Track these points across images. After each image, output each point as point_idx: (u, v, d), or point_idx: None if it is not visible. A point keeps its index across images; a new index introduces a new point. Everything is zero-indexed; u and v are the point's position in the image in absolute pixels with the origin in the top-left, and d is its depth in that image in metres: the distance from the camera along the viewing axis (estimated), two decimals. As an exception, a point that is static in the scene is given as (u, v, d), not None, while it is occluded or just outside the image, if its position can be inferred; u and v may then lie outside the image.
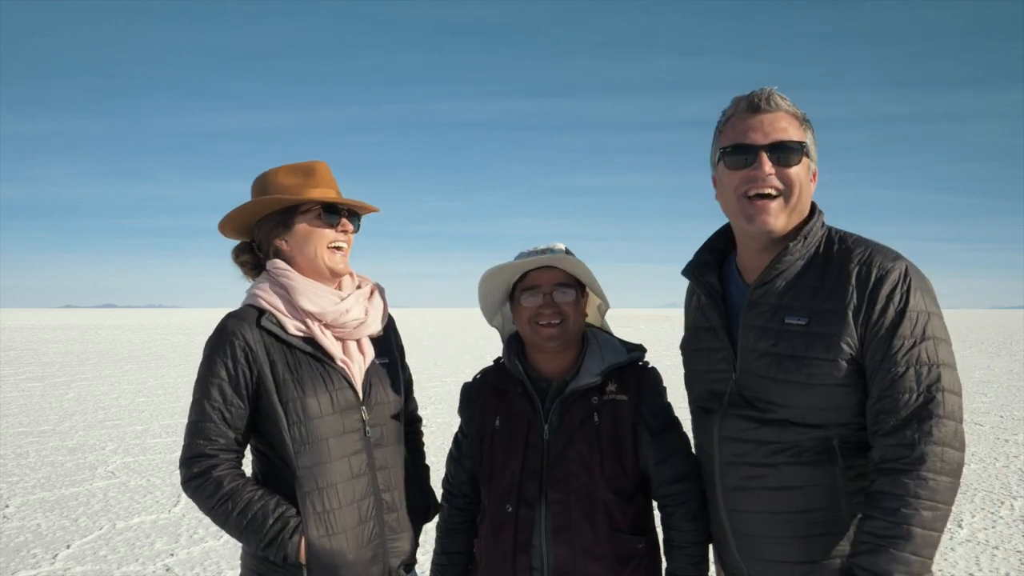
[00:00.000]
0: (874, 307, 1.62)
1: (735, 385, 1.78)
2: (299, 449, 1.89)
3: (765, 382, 1.72)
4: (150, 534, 5.44)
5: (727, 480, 1.80)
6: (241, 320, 1.95)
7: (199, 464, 1.88)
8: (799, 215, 1.76)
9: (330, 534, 1.88)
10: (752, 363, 1.74)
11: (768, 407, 1.71)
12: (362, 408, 1.98)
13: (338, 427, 1.93)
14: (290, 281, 1.98)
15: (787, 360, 1.68)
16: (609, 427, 1.95)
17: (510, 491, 1.97)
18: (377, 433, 2.01)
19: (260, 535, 1.84)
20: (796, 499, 1.70)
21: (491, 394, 2.09)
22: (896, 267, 1.65)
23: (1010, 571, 4.73)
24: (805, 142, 1.74)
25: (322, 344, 1.96)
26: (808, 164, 1.75)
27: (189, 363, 19.80)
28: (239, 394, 1.90)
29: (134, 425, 10.10)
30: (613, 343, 2.07)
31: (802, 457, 1.69)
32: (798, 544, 1.71)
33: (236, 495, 1.85)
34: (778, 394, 1.70)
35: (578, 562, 1.90)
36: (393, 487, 2.03)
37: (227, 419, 1.89)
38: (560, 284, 1.98)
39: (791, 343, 1.68)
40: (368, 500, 1.97)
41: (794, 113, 1.74)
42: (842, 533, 1.68)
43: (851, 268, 1.67)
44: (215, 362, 1.91)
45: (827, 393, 1.65)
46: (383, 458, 2.02)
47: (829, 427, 1.67)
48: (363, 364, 2.03)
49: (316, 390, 1.92)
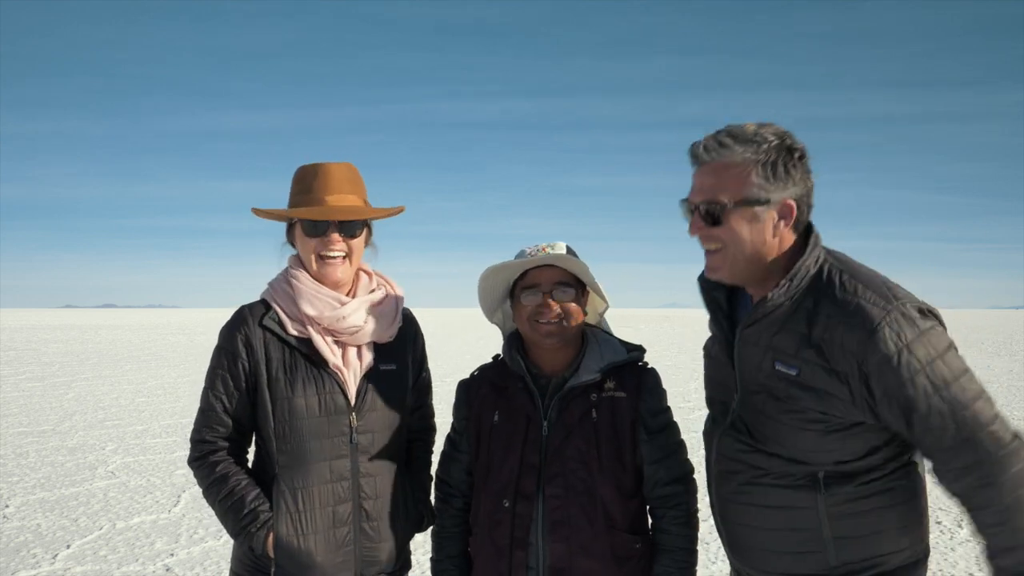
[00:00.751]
0: (873, 375, 1.55)
1: (737, 406, 1.79)
2: (281, 447, 1.96)
3: (761, 417, 1.73)
4: (150, 534, 5.44)
5: (721, 490, 1.84)
6: (249, 313, 2.04)
7: (200, 448, 2.02)
8: (746, 262, 1.70)
9: (299, 534, 1.93)
10: (750, 396, 1.75)
11: (762, 438, 1.73)
12: (352, 414, 2.00)
13: (323, 430, 1.96)
14: (297, 283, 2.04)
15: (780, 403, 1.68)
16: (607, 424, 1.95)
17: (507, 486, 1.97)
18: (367, 440, 2.02)
19: (233, 522, 1.95)
20: (780, 518, 1.72)
21: (490, 390, 2.09)
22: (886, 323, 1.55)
23: (1010, 571, 4.73)
24: (728, 200, 1.65)
25: (317, 347, 2.00)
26: (744, 214, 1.66)
27: (189, 363, 19.79)
28: (239, 386, 1.99)
29: (134, 425, 10.10)
30: (612, 342, 2.07)
31: (786, 481, 1.71)
32: (782, 558, 1.74)
33: (223, 481, 1.97)
34: (771, 431, 1.71)
35: (574, 559, 1.90)
36: (377, 495, 2.03)
37: (228, 408, 2.00)
38: (560, 283, 1.98)
39: (784, 389, 1.67)
40: (346, 505, 1.99)
41: (737, 161, 1.65)
42: (824, 552, 1.69)
43: (839, 321, 1.59)
44: (220, 353, 2.02)
45: (817, 439, 1.65)
46: (370, 465, 2.03)
47: (816, 465, 1.68)
48: (359, 370, 2.04)
49: (306, 391, 1.96)
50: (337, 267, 2.04)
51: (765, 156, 1.64)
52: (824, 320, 1.62)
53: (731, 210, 1.66)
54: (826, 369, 1.61)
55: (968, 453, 1.52)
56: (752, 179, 1.65)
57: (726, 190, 1.66)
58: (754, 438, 1.74)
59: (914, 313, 1.57)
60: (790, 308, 1.67)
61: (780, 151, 1.66)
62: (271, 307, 2.04)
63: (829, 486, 1.67)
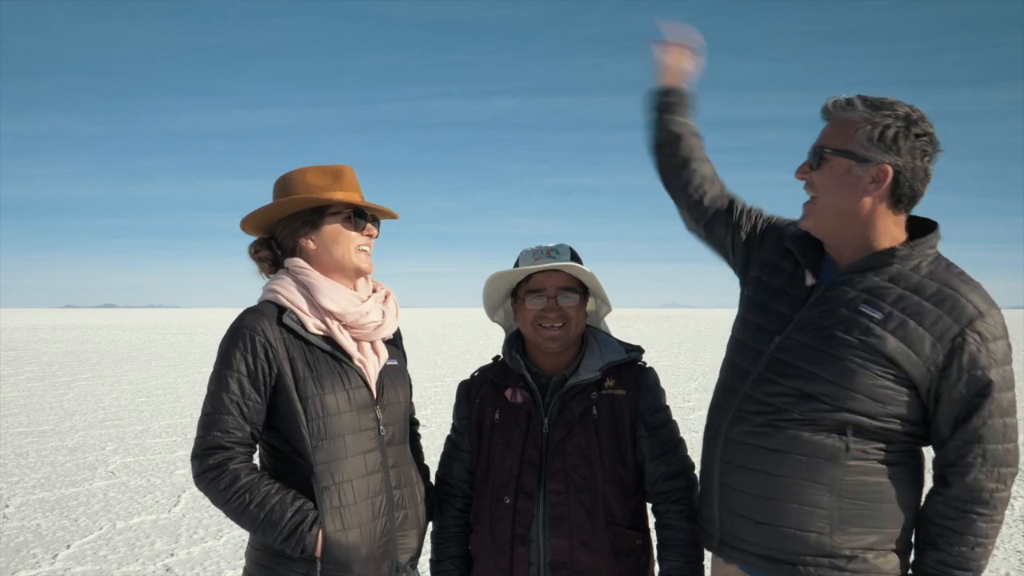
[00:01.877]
0: (959, 354, 1.64)
1: (778, 347, 1.79)
2: (317, 444, 1.92)
3: (812, 352, 1.73)
4: (150, 534, 5.44)
5: (732, 432, 1.82)
6: (261, 316, 1.97)
7: (215, 456, 1.89)
8: (833, 216, 1.78)
9: (345, 528, 1.91)
10: (808, 334, 1.76)
11: (805, 376, 1.73)
12: (376, 407, 2.01)
13: (355, 424, 1.97)
14: (311, 280, 2.00)
15: (845, 341, 1.70)
16: (608, 421, 1.97)
17: (508, 483, 1.98)
18: (389, 432, 2.04)
19: (279, 528, 1.86)
20: (793, 466, 1.73)
21: (490, 389, 2.10)
22: (988, 320, 1.66)
23: (1010, 571, 4.73)
24: (831, 146, 1.75)
25: (340, 343, 1.99)
26: (840, 164, 1.74)
27: (189, 363, 19.81)
28: (257, 389, 1.93)
29: (134, 425, 10.09)
30: (612, 342, 2.09)
31: (813, 430, 1.72)
32: (780, 508, 1.74)
33: (254, 488, 1.88)
34: (821, 367, 1.71)
35: (575, 554, 1.91)
36: (403, 484, 2.06)
37: (244, 413, 1.92)
38: (564, 288, 1.99)
39: (857, 331, 1.70)
40: (381, 497, 1.99)
41: (855, 119, 1.73)
42: (827, 510, 1.71)
43: (945, 295, 1.67)
44: (234, 355, 1.93)
45: (867, 384, 1.68)
46: (394, 456, 2.05)
47: (853, 414, 1.69)
48: (377, 365, 2.06)
49: (334, 388, 1.95)
50: (369, 257, 2.08)
51: (881, 120, 1.71)
52: (935, 288, 1.69)
53: (830, 156, 1.75)
54: (912, 325, 1.66)
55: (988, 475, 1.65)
56: (859, 135, 1.72)
57: (833, 139, 1.76)
58: (792, 377, 1.75)
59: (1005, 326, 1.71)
60: (899, 272, 1.72)
61: (898, 120, 1.71)
62: (283, 307, 1.99)
63: (853, 443, 1.69)
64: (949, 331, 1.64)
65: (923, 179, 1.74)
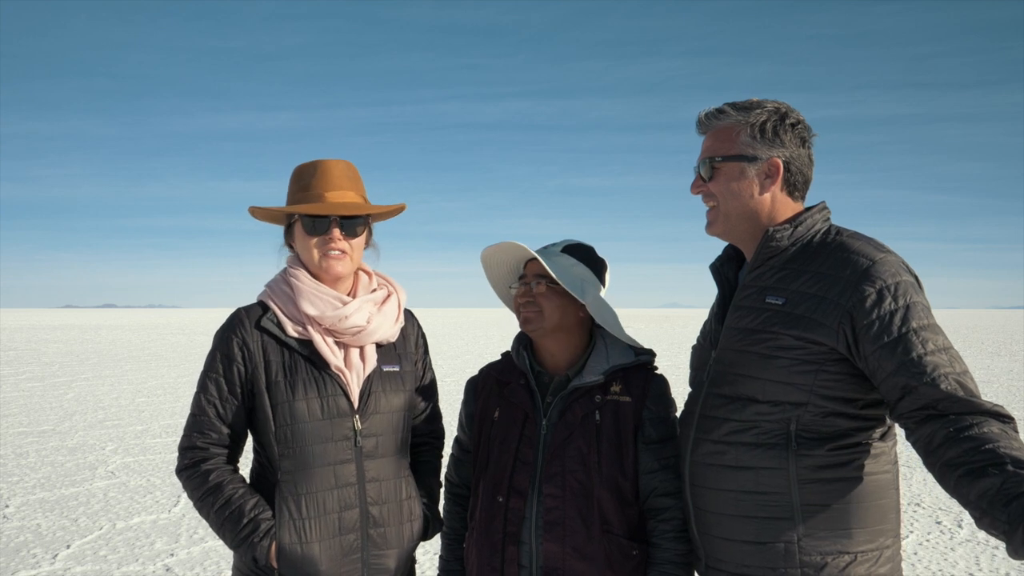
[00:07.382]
0: (862, 306, 1.64)
1: (714, 361, 1.86)
2: (283, 452, 1.90)
3: (735, 355, 1.79)
4: (150, 534, 5.44)
5: (695, 455, 1.85)
6: (245, 316, 1.97)
7: (190, 456, 1.93)
8: (740, 219, 1.83)
9: (303, 542, 1.87)
10: (730, 339, 1.82)
11: (736, 380, 1.78)
12: (355, 417, 1.95)
13: (326, 434, 1.91)
14: (296, 282, 1.98)
15: (756, 334, 1.75)
16: (610, 428, 1.93)
17: (501, 482, 1.96)
18: (371, 444, 1.97)
19: (233, 533, 1.86)
20: (749, 479, 1.75)
21: (494, 386, 2.09)
22: (883, 267, 1.67)
23: (1010, 571, 4.73)
24: (720, 154, 1.81)
25: (318, 348, 1.95)
26: (733, 169, 1.80)
27: (189, 363, 19.80)
28: (233, 391, 1.92)
29: (134, 425, 10.09)
30: (621, 345, 2.03)
31: (759, 439, 1.74)
32: (747, 524, 1.75)
33: (218, 490, 1.88)
34: (743, 366, 1.77)
35: (568, 560, 1.88)
36: (384, 501, 1.98)
37: (221, 414, 1.92)
38: (539, 275, 2.00)
39: (765, 320, 1.75)
40: (353, 511, 1.93)
41: (731, 124, 1.81)
42: (791, 519, 1.71)
43: (839, 258, 1.71)
44: (215, 357, 1.95)
45: (787, 370, 1.70)
46: (375, 470, 1.98)
47: (787, 407, 1.71)
48: (362, 372, 2.00)
49: (307, 394, 1.91)
50: (339, 260, 1.99)
51: (756, 119, 1.80)
52: (825, 255, 1.74)
53: (720, 164, 1.82)
54: (813, 296, 1.70)
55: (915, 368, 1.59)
56: (741, 137, 1.81)
57: (719, 148, 1.83)
58: (727, 384, 1.80)
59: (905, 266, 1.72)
60: (794, 254, 1.78)
61: (772, 115, 1.80)
62: (268, 308, 1.97)
63: (801, 444, 1.70)
64: (847, 289, 1.66)
65: (808, 164, 1.84)
